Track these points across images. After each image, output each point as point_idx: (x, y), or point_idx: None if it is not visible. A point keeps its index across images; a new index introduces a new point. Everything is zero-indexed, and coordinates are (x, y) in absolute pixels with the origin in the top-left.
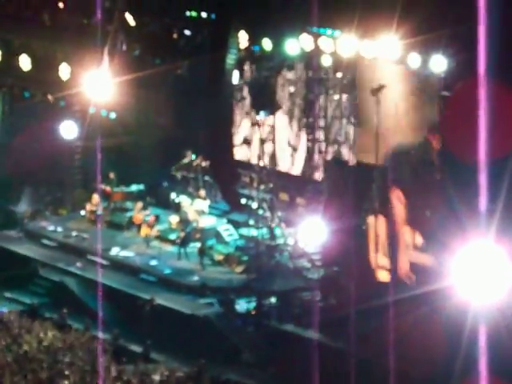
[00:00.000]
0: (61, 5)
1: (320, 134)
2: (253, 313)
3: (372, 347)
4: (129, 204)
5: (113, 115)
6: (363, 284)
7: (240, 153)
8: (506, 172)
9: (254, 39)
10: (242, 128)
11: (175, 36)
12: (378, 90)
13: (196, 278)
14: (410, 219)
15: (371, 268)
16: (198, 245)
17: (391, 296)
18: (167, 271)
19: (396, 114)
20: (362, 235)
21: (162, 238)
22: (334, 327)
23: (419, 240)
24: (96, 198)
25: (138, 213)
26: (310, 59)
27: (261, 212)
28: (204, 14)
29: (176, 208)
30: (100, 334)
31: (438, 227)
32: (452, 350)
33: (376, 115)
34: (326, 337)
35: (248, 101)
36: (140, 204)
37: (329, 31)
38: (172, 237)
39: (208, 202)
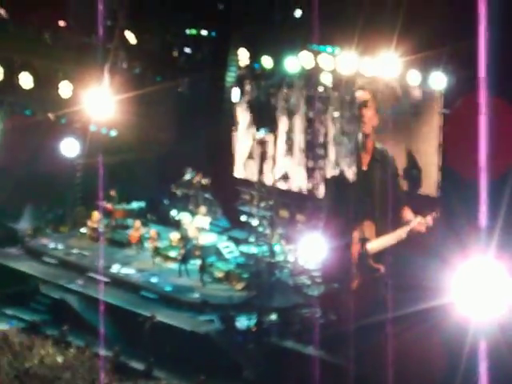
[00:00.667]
0: (62, 23)
1: (320, 151)
2: (253, 329)
3: (372, 363)
4: (130, 221)
5: (113, 133)
6: (363, 300)
7: (240, 170)
8: (506, 188)
9: (254, 57)
10: (243, 145)
11: (175, 54)
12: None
13: (196, 295)
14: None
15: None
16: (199, 262)
17: (391, 312)
18: (168, 288)
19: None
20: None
21: (163, 255)
22: (335, 343)
23: None
24: (97, 215)
25: (136, 231)
26: (309, 77)
27: (261, 229)
28: (204, 32)
29: (176, 225)
30: (101, 351)
31: (439, 243)
32: (452, 367)
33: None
34: (326, 353)
35: (248, 118)
36: (138, 223)
37: (329, 49)
38: (173, 254)
39: (208, 219)
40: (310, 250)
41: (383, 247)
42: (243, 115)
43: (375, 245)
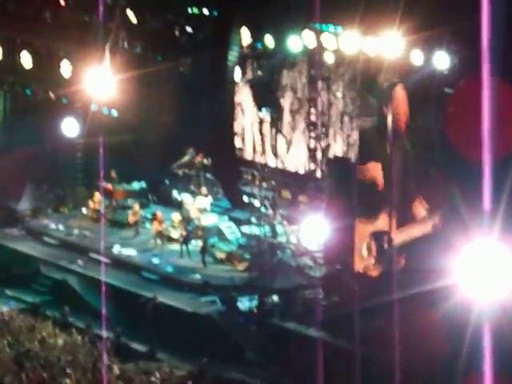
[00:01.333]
0: (62, 2)
1: (322, 132)
2: (255, 311)
3: (375, 345)
4: (130, 202)
5: (114, 113)
6: (366, 281)
7: (242, 150)
8: (510, 170)
9: (256, 36)
10: (245, 125)
11: (177, 33)
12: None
13: (198, 276)
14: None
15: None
16: (200, 243)
17: (394, 294)
18: (169, 269)
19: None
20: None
21: (164, 235)
22: (337, 325)
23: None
24: (98, 195)
25: (134, 215)
26: (312, 56)
27: (263, 210)
28: (206, 11)
29: (178, 206)
30: (102, 333)
31: (442, 226)
32: (455, 348)
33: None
34: (328, 335)
35: (250, 98)
36: (137, 206)
37: (331, 28)
38: (174, 235)
39: (210, 199)
40: (312, 231)
41: (407, 240)
42: (245, 95)
43: (400, 237)
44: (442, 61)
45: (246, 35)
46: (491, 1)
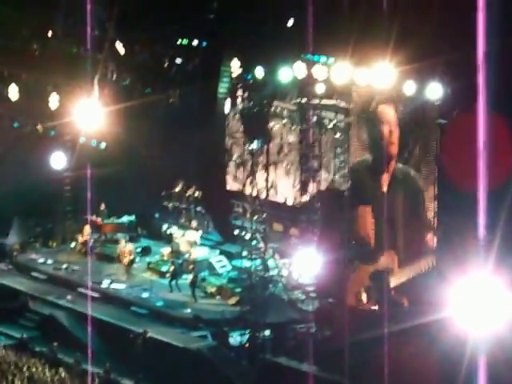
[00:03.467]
0: (50, 34)
1: (314, 163)
2: (246, 345)
3: (368, 379)
4: (120, 235)
5: (103, 145)
6: (358, 315)
7: (232, 183)
8: (505, 201)
9: (247, 67)
10: (235, 158)
11: (166, 64)
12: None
13: (188, 310)
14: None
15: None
16: (190, 276)
17: (387, 327)
18: (159, 303)
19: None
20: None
21: (154, 269)
22: (330, 359)
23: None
24: (87, 229)
25: (129, 254)
26: (303, 87)
27: (254, 243)
28: (195, 42)
29: (168, 239)
30: (91, 368)
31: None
32: (450, 381)
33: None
34: (320, 369)
35: (241, 130)
36: (130, 245)
37: (323, 59)
38: (164, 269)
39: (200, 232)
40: (304, 265)
41: (406, 280)
42: (236, 126)
43: (398, 278)
44: (435, 91)
45: (236, 66)
46: (485, 32)
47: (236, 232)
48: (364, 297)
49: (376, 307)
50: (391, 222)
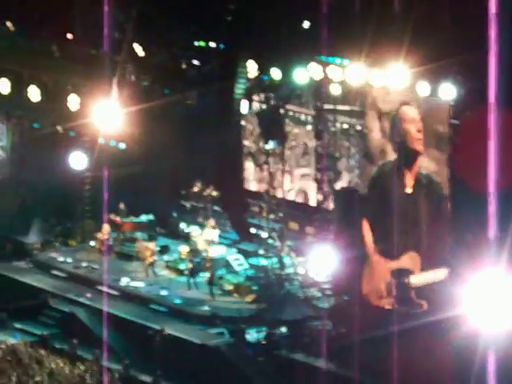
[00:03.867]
0: (69, 36)
1: (330, 163)
2: (263, 342)
3: (382, 375)
4: (139, 234)
5: (122, 145)
6: (373, 312)
7: (249, 182)
8: None
9: (263, 68)
10: (252, 158)
11: (184, 66)
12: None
13: (206, 307)
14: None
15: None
16: (207, 275)
17: (402, 324)
18: (177, 301)
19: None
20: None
21: (172, 267)
22: (345, 356)
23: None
24: (106, 228)
25: (151, 255)
26: (318, 88)
27: (270, 241)
28: (212, 44)
29: (186, 238)
30: (110, 365)
31: (450, 256)
32: (462, 378)
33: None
34: (336, 366)
35: (257, 130)
36: (152, 245)
37: (338, 60)
38: (182, 267)
39: (217, 231)
40: (320, 263)
41: (427, 283)
42: (252, 127)
43: (419, 279)
44: (448, 92)
45: (252, 68)
46: (498, 33)
47: (253, 231)
48: (384, 292)
49: (394, 304)
50: (415, 224)
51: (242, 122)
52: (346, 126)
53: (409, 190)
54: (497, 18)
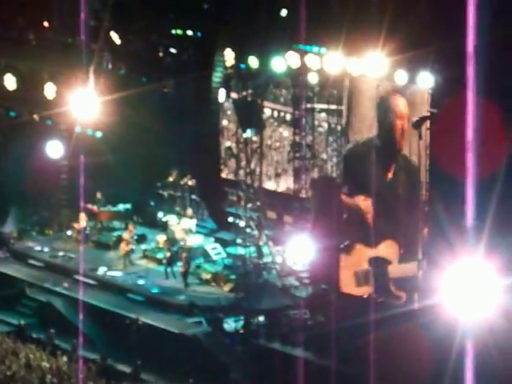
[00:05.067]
0: (46, 24)
1: (307, 152)
2: (241, 331)
3: (360, 364)
4: (116, 223)
5: (99, 134)
6: (351, 301)
7: (227, 171)
8: (495, 188)
9: (241, 57)
10: (230, 146)
11: (161, 54)
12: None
13: (184, 296)
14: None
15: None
16: (182, 266)
17: (380, 313)
18: (155, 290)
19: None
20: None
21: (150, 257)
22: (322, 345)
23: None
24: (83, 217)
25: (127, 243)
26: (296, 76)
27: (248, 230)
28: (190, 32)
29: (163, 227)
30: (87, 355)
31: (428, 244)
32: (439, 367)
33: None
34: (314, 354)
35: (235, 119)
36: (128, 234)
37: (315, 48)
38: (159, 256)
39: (195, 220)
40: (297, 252)
41: (406, 274)
42: (230, 115)
43: (397, 270)
44: (426, 80)
45: (230, 56)
46: (476, 21)
47: (230, 220)
48: (361, 279)
49: (372, 294)
50: (392, 211)
51: (220, 111)
52: (323, 114)
53: (388, 177)
54: (474, 5)
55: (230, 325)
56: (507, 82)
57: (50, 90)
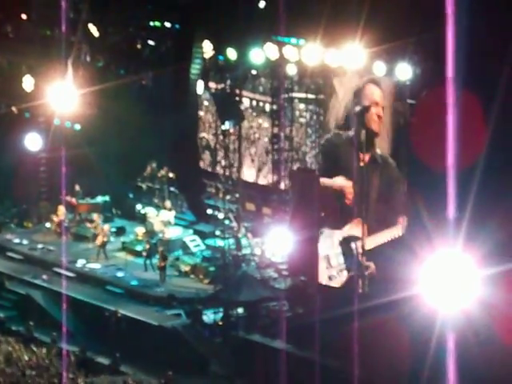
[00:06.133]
0: (24, 16)
1: (285, 143)
2: (220, 323)
3: (340, 355)
4: (94, 216)
5: (77, 126)
6: (330, 292)
7: (205, 163)
8: (474, 180)
9: (219, 49)
10: (208, 138)
11: (139, 46)
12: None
13: (163, 289)
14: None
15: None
16: (159, 259)
17: (359, 304)
18: (134, 283)
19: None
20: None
21: (128, 249)
22: (302, 336)
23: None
24: (62, 210)
25: (103, 235)
26: (274, 68)
27: (227, 222)
28: (168, 24)
29: (142, 219)
30: (67, 347)
31: (407, 235)
32: (419, 358)
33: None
34: (293, 346)
35: (213, 111)
36: (106, 226)
37: (293, 40)
38: (138, 248)
39: (174, 212)
40: (276, 243)
41: (375, 245)
42: (208, 107)
43: (369, 243)
44: (405, 72)
45: (208, 48)
46: (454, 12)
47: (209, 212)
48: (334, 261)
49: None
50: (364, 197)
51: (198, 103)
52: (301, 106)
53: (362, 164)
54: None
55: (209, 317)
56: (487, 73)
57: (28, 82)
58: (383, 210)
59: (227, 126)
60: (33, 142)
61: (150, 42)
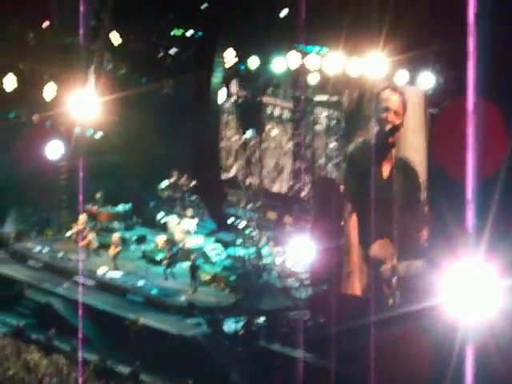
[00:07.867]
0: (46, 24)
1: (307, 152)
2: (241, 333)
3: (361, 366)
4: (116, 224)
5: (98, 135)
6: (351, 302)
7: (227, 172)
8: (496, 189)
9: (241, 57)
10: (230, 147)
11: (161, 54)
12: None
13: (183, 298)
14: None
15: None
16: (187, 265)
17: (380, 314)
18: (154, 291)
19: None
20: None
21: (149, 257)
22: (323, 346)
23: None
24: (83, 218)
25: (115, 246)
26: (296, 77)
27: (248, 231)
28: (190, 33)
29: (163, 228)
30: (87, 356)
31: (428, 245)
32: (440, 369)
33: None
34: (314, 356)
35: (235, 119)
36: (117, 236)
37: (316, 49)
38: (159, 257)
39: (195, 221)
40: (297, 252)
41: (408, 273)
42: (230, 116)
43: (392, 269)
44: (427, 81)
45: (230, 56)
46: (476, 21)
47: (230, 220)
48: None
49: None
50: (388, 211)
51: (220, 111)
52: (322, 115)
53: (385, 176)
54: (475, 5)
55: (229, 326)
56: (509, 83)
57: (49, 90)
58: (405, 222)
59: (249, 134)
60: (54, 150)
61: (172, 51)
